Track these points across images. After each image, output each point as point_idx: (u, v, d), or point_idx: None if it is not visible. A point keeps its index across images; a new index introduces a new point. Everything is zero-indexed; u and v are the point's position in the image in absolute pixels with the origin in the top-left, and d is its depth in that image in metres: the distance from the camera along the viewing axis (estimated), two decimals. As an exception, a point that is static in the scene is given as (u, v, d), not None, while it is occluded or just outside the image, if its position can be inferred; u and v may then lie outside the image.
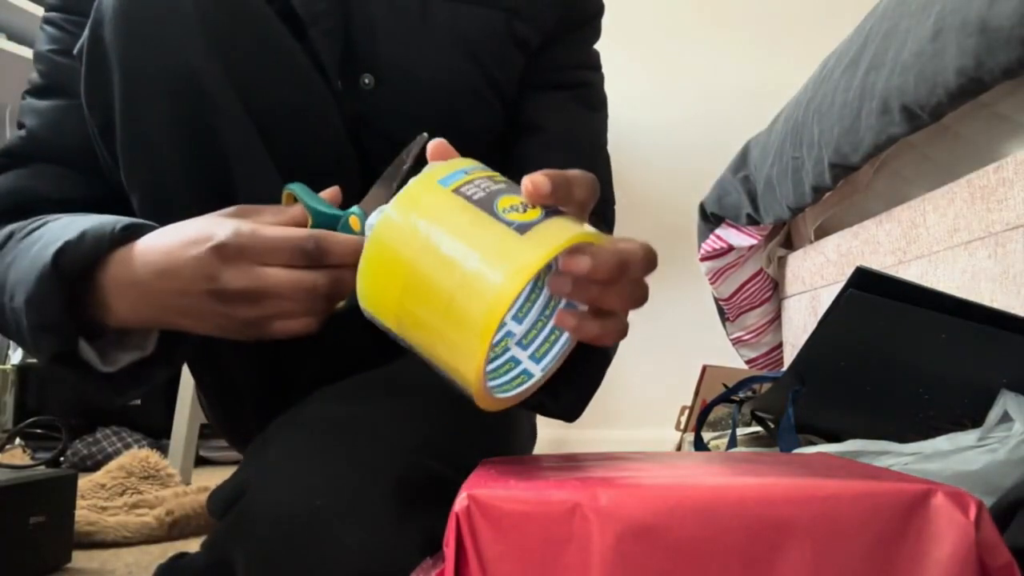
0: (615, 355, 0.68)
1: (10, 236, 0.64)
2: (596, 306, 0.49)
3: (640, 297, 0.49)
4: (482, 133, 0.78)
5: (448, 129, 0.75)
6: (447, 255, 0.42)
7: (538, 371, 0.51)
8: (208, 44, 0.59)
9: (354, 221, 0.57)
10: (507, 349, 0.52)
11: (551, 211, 0.45)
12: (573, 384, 0.60)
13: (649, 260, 0.49)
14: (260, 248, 0.53)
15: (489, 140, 0.79)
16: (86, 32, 0.60)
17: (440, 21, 0.74)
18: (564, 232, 0.44)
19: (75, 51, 0.62)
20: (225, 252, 0.52)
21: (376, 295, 0.45)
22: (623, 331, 0.50)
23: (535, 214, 0.44)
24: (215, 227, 0.54)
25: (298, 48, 0.66)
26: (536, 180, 0.44)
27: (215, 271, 0.53)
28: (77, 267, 0.56)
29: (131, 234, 0.56)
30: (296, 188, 0.59)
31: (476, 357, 0.42)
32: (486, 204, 0.44)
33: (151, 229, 0.58)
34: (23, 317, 0.57)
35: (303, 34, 0.69)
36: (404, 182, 0.47)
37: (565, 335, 0.51)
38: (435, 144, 0.51)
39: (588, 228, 0.46)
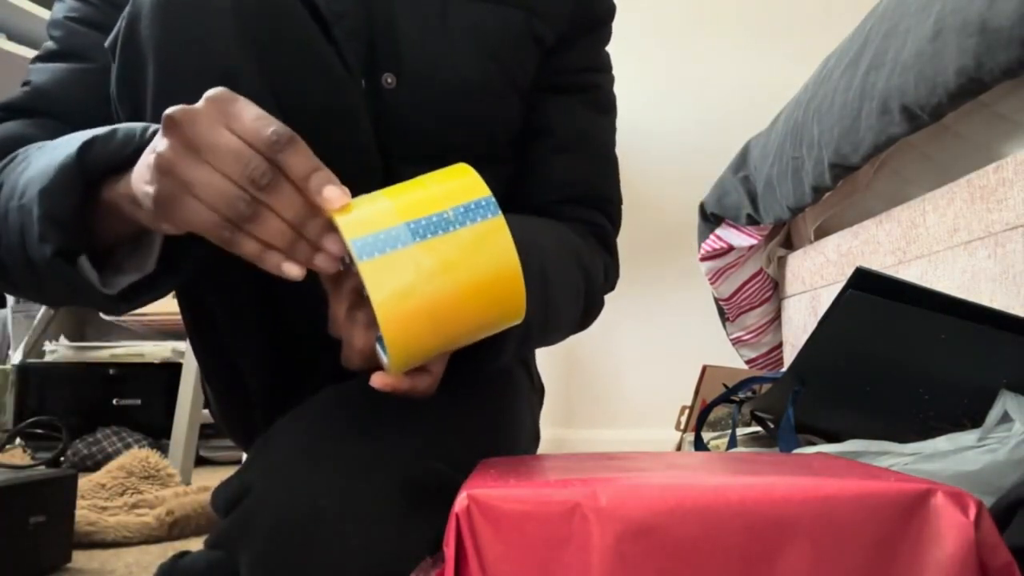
0: (545, 339, 0.71)
1: (15, 157, 0.63)
2: None
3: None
4: (502, 132, 0.78)
5: (468, 129, 0.76)
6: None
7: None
8: (244, 41, 0.59)
9: None
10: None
11: None
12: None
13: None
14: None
15: (507, 139, 0.79)
16: (121, 25, 0.60)
17: (461, 20, 0.74)
18: None
19: (107, 44, 0.62)
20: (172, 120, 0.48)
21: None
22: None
23: None
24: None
25: (330, 49, 0.66)
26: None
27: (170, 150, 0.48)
28: (101, 163, 0.54)
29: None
30: None
31: None
32: None
33: None
34: (34, 207, 0.55)
35: (327, 34, 0.69)
36: None
37: None
38: None
39: None
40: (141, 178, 0.50)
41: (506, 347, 0.62)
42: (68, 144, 0.56)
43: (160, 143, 0.48)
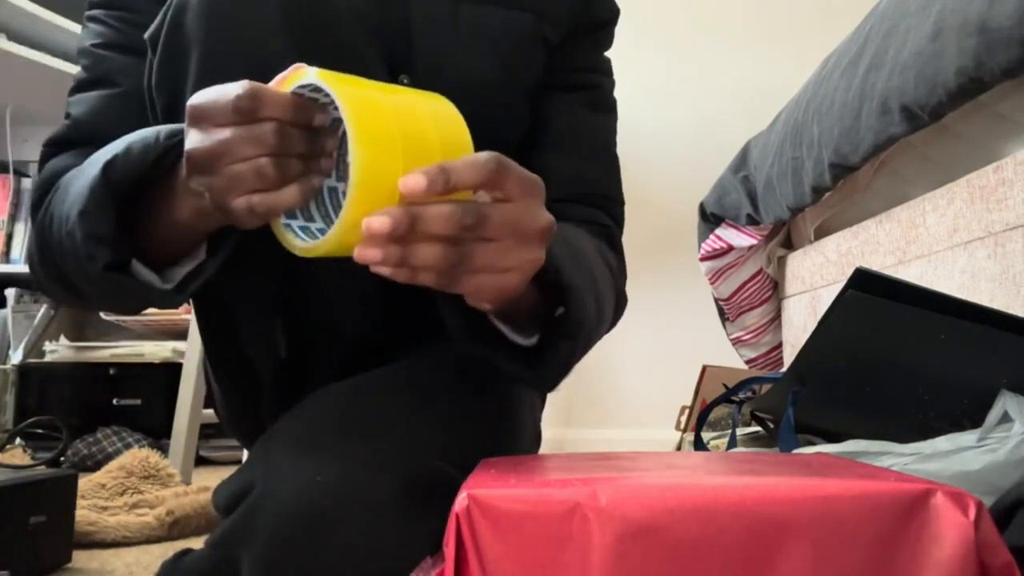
0: (596, 333, 0.68)
1: (57, 187, 0.66)
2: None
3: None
4: (512, 135, 0.79)
5: (479, 131, 0.76)
6: None
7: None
8: (288, 35, 0.61)
9: None
10: None
11: None
12: (547, 354, 0.60)
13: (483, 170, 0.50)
14: (209, 110, 0.50)
15: (518, 141, 0.79)
16: (166, 15, 0.62)
17: (470, 23, 0.75)
18: None
19: (147, 35, 0.64)
20: (192, 115, 0.51)
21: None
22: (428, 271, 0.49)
23: None
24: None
25: (368, 45, 0.67)
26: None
27: (187, 136, 0.52)
28: (126, 175, 0.57)
29: (179, 140, 0.56)
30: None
31: None
32: None
33: None
34: (77, 230, 0.58)
35: None
36: None
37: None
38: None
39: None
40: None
41: (574, 350, 0.62)
42: (94, 165, 0.59)
43: (202, 187, 0.51)
